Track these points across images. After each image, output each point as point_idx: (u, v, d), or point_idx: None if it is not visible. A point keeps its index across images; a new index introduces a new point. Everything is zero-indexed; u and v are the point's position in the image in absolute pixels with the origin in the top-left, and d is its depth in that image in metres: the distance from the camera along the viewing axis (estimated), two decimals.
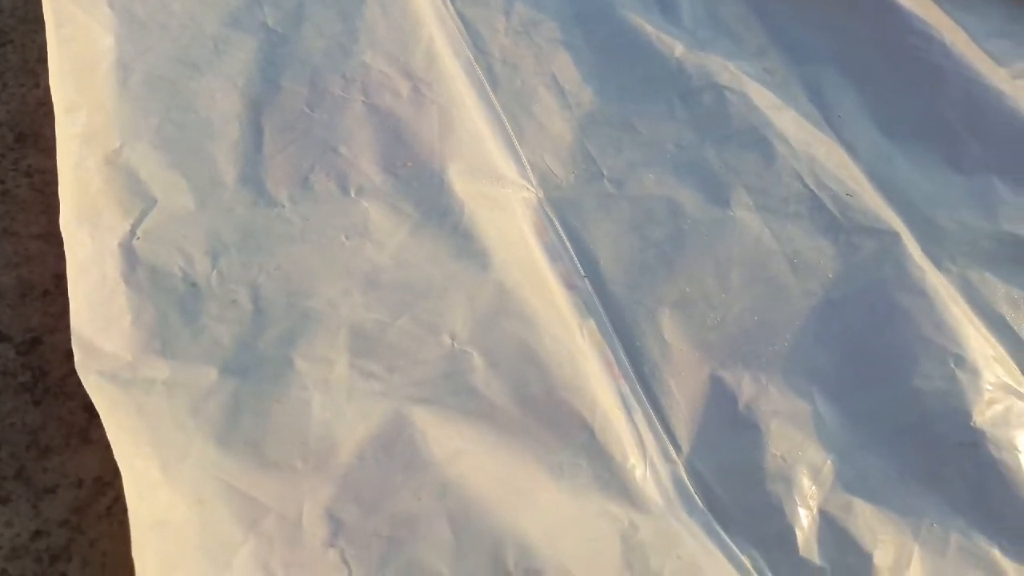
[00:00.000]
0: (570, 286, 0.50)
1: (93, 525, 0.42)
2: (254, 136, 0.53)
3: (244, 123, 0.54)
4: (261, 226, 0.49)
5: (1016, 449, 0.44)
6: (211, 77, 0.56)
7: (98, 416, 0.41)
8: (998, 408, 0.45)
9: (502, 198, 0.53)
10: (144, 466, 0.40)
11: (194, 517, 0.39)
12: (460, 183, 0.52)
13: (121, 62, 0.56)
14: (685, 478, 0.44)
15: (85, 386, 0.41)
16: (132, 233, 0.48)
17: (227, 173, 0.52)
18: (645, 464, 0.44)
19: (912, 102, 0.59)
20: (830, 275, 0.51)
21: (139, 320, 0.45)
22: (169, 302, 0.46)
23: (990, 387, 0.46)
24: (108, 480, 0.43)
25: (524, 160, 0.56)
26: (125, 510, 0.38)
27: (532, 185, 0.55)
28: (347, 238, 0.49)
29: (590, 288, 0.50)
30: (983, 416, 0.45)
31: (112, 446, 0.39)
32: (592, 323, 0.49)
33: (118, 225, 0.48)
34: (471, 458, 0.43)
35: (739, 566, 0.41)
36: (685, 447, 0.45)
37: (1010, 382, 0.47)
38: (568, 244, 0.52)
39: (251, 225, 0.49)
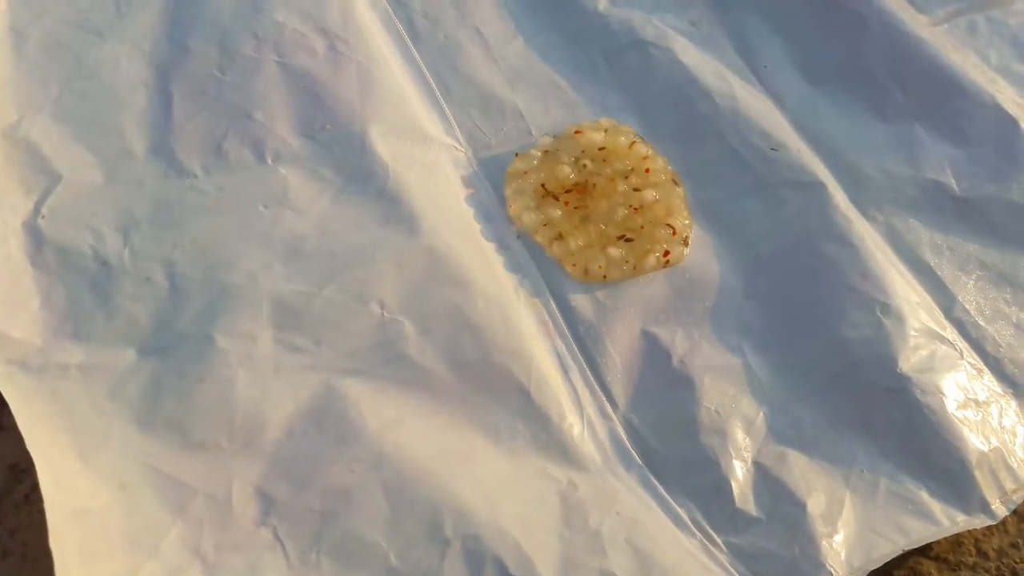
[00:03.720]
0: (504, 247, 0.49)
1: (10, 514, 0.40)
2: (163, 103, 0.51)
3: (152, 90, 0.51)
4: (174, 198, 0.47)
5: (940, 392, 0.45)
6: (114, 42, 0.53)
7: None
8: (923, 353, 0.46)
9: (429, 159, 0.52)
10: (61, 453, 0.38)
11: (117, 503, 0.38)
12: (384, 144, 0.51)
13: (15, 29, 0.53)
14: (622, 434, 0.44)
15: None
16: (36, 212, 0.46)
17: (135, 144, 0.49)
18: (582, 422, 0.44)
19: (836, 50, 0.59)
20: (757, 231, 0.51)
21: (48, 303, 0.43)
22: (80, 283, 0.44)
23: (915, 333, 0.47)
24: (24, 468, 0.41)
25: (450, 118, 0.54)
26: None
27: (460, 144, 0.53)
28: (265, 207, 0.48)
29: (524, 248, 0.49)
30: (908, 362, 0.45)
31: (24, 436, 0.38)
32: (527, 284, 0.48)
33: (20, 204, 0.46)
34: (406, 427, 0.42)
35: (676, 519, 0.42)
36: (621, 404, 0.45)
37: (934, 327, 0.47)
38: (499, 204, 0.51)
39: (163, 198, 0.47)
